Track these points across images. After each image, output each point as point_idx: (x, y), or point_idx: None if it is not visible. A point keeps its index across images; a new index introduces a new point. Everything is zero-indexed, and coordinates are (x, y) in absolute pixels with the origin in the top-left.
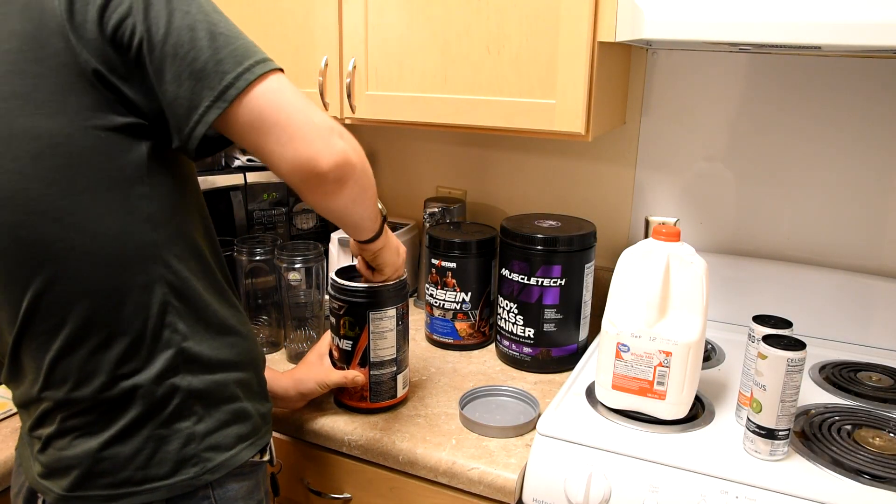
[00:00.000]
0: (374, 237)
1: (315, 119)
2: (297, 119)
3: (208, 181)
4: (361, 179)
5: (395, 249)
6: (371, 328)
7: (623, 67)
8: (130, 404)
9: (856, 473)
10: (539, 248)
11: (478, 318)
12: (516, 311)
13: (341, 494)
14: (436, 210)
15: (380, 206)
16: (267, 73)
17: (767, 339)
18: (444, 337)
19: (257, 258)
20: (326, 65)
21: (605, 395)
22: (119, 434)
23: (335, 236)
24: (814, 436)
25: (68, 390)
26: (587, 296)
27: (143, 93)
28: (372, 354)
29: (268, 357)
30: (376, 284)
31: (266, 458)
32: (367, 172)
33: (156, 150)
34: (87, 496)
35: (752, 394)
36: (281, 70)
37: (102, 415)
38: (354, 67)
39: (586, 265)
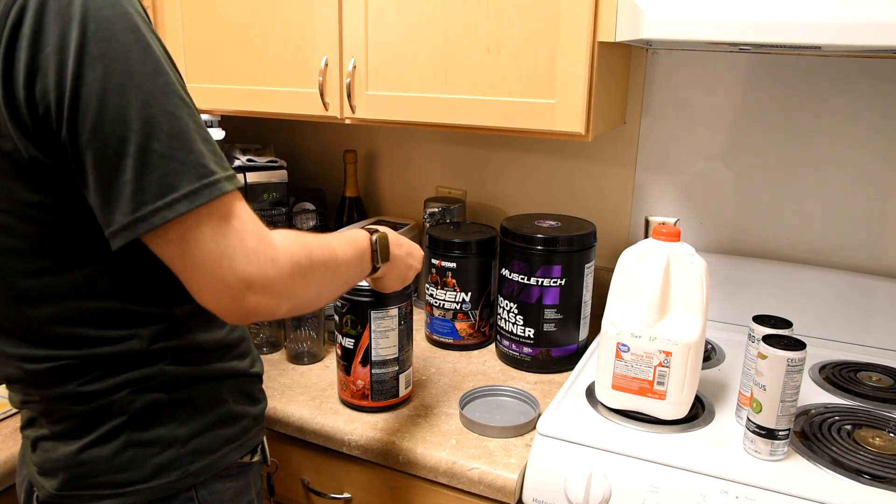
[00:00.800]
0: (369, 273)
1: (227, 275)
2: (205, 274)
3: None
4: (294, 308)
5: (400, 277)
6: (373, 327)
7: (623, 67)
8: (110, 414)
9: (856, 473)
10: (539, 248)
11: (478, 318)
12: (516, 311)
13: (341, 494)
14: (436, 210)
15: (373, 240)
16: (190, 213)
17: (767, 339)
18: (444, 337)
19: None
20: (326, 65)
21: (605, 395)
22: (98, 439)
23: None
24: (814, 436)
25: (46, 404)
26: (587, 296)
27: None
28: (374, 353)
29: (268, 357)
30: None
31: (257, 458)
32: (304, 296)
33: None
34: (73, 496)
35: (752, 394)
36: (225, 193)
37: (83, 422)
38: (354, 67)
39: (586, 265)
